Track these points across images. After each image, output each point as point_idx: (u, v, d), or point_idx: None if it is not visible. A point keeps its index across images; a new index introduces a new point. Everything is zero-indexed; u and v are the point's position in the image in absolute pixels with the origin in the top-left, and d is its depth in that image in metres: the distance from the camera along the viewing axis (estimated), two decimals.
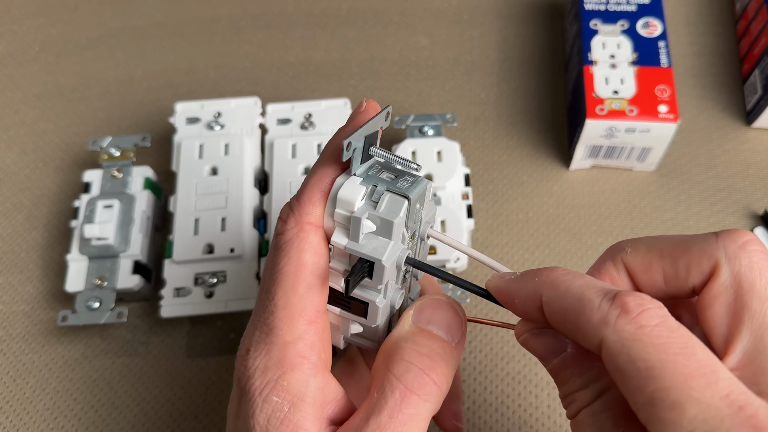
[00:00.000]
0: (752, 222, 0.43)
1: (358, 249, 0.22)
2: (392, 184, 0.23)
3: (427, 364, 0.22)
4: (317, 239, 0.23)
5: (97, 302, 0.38)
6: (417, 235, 0.25)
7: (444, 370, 0.22)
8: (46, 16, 0.55)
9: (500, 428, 0.37)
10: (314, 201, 0.23)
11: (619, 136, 0.41)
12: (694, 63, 0.50)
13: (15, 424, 0.38)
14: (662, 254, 0.22)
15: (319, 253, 0.23)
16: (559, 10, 0.53)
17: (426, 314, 0.24)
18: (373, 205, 0.22)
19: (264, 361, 0.23)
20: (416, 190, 0.23)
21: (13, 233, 0.45)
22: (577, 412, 0.21)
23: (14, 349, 0.41)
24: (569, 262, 0.42)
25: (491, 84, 0.50)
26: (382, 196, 0.22)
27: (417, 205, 0.23)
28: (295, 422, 0.22)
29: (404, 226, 0.23)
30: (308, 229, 0.23)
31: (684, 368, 0.17)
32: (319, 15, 0.54)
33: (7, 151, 0.48)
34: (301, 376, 0.22)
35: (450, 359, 0.23)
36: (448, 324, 0.24)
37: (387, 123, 0.24)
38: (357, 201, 0.22)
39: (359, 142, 0.22)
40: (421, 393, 0.22)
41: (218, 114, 0.44)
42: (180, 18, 0.54)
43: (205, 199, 0.40)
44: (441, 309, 0.24)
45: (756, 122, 0.46)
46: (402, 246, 0.23)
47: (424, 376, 0.22)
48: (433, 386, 0.22)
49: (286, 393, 0.22)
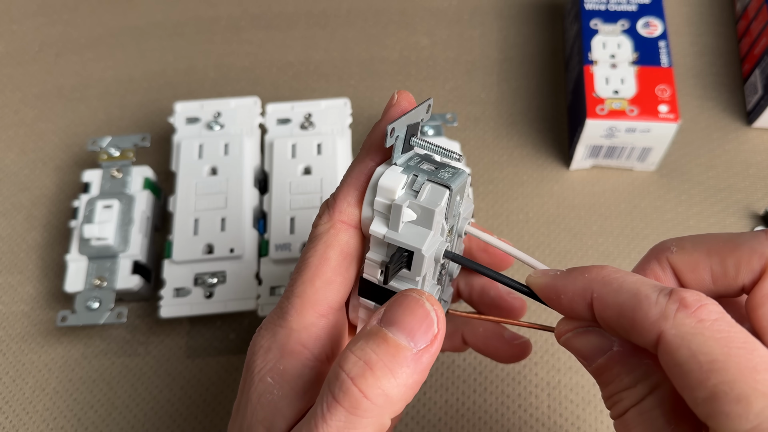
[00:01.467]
0: (752, 222, 0.43)
1: (397, 238, 0.22)
2: (433, 175, 0.23)
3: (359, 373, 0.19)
4: (346, 237, 0.23)
5: (97, 302, 0.38)
6: (455, 230, 0.25)
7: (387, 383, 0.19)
8: (45, 16, 0.55)
9: (500, 428, 0.37)
10: (349, 200, 0.23)
11: (620, 136, 0.41)
12: (694, 63, 0.50)
13: (15, 424, 0.38)
14: (709, 252, 0.21)
15: (344, 252, 0.23)
16: (559, 10, 0.53)
17: (389, 311, 0.21)
18: (413, 195, 0.22)
19: (269, 342, 0.23)
20: (457, 181, 0.23)
21: (13, 233, 0.45)
22: (624, 411, 0.20)
23: (14, 349, 0.40)
24: (570, 262, 0.42)
25: (491, 84, 0.50)
26: (423, 186, 0.22)
27: (457, 197, 0.23)
28: (280, 408, 0.22)
29: (444, 217, 0.23)
30: (339, 227, 0.23)
31: (748, 362, 0.17)
32: (319, 15, 0.54)
33: (6, 151, 0.48)
34: (298, 364, 0.22)
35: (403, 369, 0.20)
36: (411, 326, 0.20)
37: (428, 116, 0.24)
38: (398, 189, 0.22)
39: (402, 131, 0.22)
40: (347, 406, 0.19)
41: (218, 114, 0.44)
42: (180, 18, 0.54)
43: (205, 199, 0.40)
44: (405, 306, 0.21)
45: (756, 122, 0.46)
46: (441, 238, 0.23)
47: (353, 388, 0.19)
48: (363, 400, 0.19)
49: (280, 377, 0.22)
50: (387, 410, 0.20)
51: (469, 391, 0.38)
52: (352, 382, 0.19)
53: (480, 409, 0.37)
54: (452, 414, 0.37)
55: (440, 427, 0.37)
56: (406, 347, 0.20)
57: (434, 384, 0.38)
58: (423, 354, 0.20)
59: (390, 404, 0.20)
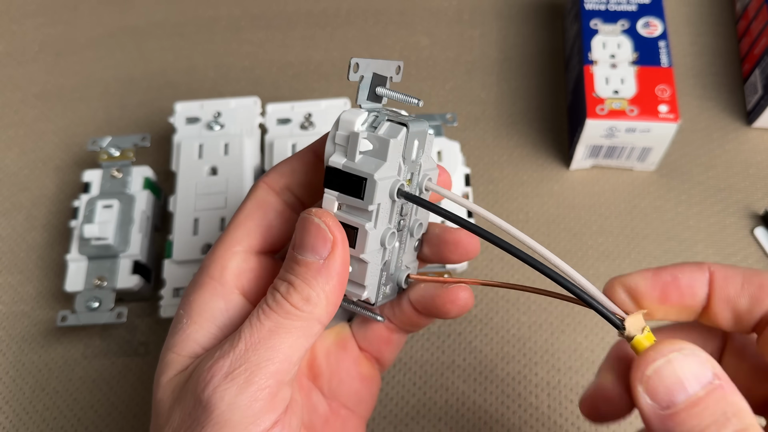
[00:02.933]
0: (752, 222, 0.43)
1: (353, 166, 0.23)
2: (395, 116, 0.24)
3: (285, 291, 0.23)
4: (264, 194, 0.26)
5: (97, 302, 0.38)
6: (416, 182, 0.25)
7: (305, 293, 0.23)
8: (45, 16, 0.55)
9: (500, 428, 0.37)
10: (277, 168, 0.26)
11: (620, 136, 0.41)
12: (694, 63, 0.50)
13: (15, 423, 0.38)
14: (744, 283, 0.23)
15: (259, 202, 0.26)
16: (559, 10, 0.53)
17: (296, 237, 0.24)
18: (372, 130, 0.24)
19: (190, 284, 0.26)
20: (416, 124, 0.24)
21: (13, 233, 0.45)
22: None
23: (14, 349, 0.40)
24: (569, 262, 0.42)
25: (491, 84, 0.50)
26: (381, 123, 0.24)
27: (415, 141, 0.24)
28: (187, 333, 0.24)
29: (402, 156, 0.24)
30: (261, 185, 0.26)
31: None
32: (319, 15, 0.54)
33: (6, 151, 0.48)
34: (206, 294, 0.25)
35: (315, 279, 0.23)
36: (310, 243, 0.23)
37: (398, 77, 0.26)
38: (357, 123, 0.24)
39: (367, 73, 0.24)
40: (280, 312, 0.23)
41: (218, 114, 0.44)
42: (180, 18, 0.54)
43: (205, 199, 0.40)
44: (301, 228, 0.24)
45: (756, 122, 0.46)
46: (397, 177, 0.24)
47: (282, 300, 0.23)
48: (290, 308, 0.23)
49: (188, 308, 0.25)
50: (315, 313, 0.23)
51: (469, 391, 0.38)
52: (282, 296, 0.23)
53: (480, 409, 0.37)
54: (452, 414, 0.37)
55: (440, 427, 0.37)
56: (312, 262, 0.23)
57: (434, 384, 0.38)
58: (329, 261, 0.23)
59: (312, 307, 0.23)
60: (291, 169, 0.26)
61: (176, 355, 0.24)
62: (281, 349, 0.22)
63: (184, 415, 0.22)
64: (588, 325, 0.40)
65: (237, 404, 0.21)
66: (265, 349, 0.22)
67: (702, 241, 0.42)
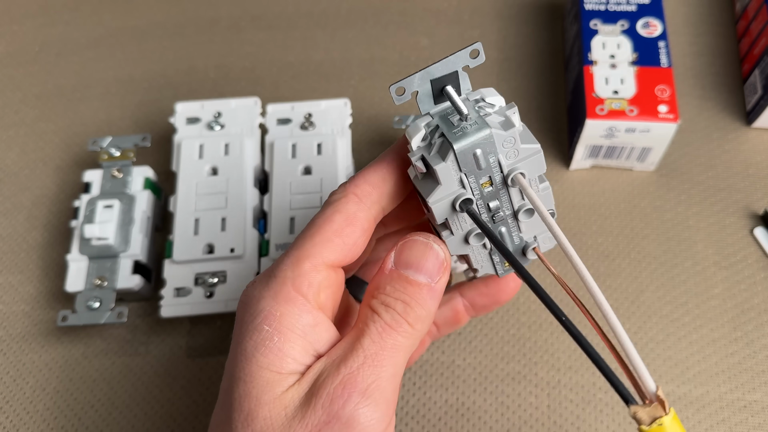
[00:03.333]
0: (752, 222, 0.43)
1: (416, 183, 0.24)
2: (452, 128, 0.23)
3: (401, 308, 0.24)
4: (354, 208, 0.25)
5: (97, 302, 0.38)
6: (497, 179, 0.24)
7: (419, 313, 0.24)
8: (46, 16, 0.55)
9: (500, 428, 0.37)
10: (366, 177, 0.25)
11: (619, 136, 0.41)
12: (694, 63, 0.50)
13: (15, 424, 0.38)
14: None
15: (350, 219, 0.25)
16: (559, 10, 0.53)
17: (403, 257, 0.25)
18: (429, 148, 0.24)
19: (260, 292, 0.24)
20: (469, 138, 0.23)
21: (13, 233, 0.45)
22: None
23: (14, 349, 0.41)
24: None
25: (491, 84, 0.50)
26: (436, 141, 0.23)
27: (476, 151, 0.23)
28: (284, 351, 0.23)
29: (458, 172, 0.23)
30: (351, 197, 0.25)
31: None
32: (319, 15, 0.54)
33: (7, 151, 0.48)
34: (295, 309, 0.23)
35: (427, 300, 0.24)
36: (425, 266, 0.24)
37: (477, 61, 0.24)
38: (415, 140, 0.23)
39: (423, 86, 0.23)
40: (399, 330, 0.23)
41: (218, 114, 0.44)
42: (180, 18, 0.54)
43: (205, 199, 0.40)
44: (416, 250, 0.24)
45: (756, 122, 0.46)
46: (458, 189, 0.24)
47: (400, 318, 0.24)
48: (407, 327, 0.24)
49: (278, 324, 0.23)
50: (422, 331, 0.24)
51: (469, 391, 0.38)
52: (399, 315, 0.24)
53: (480, 409, 0.37)
54: (452, 414, 0.37)
55: (440, 427, 0.37)
56: (425, 283, 0.24)
57: (434, 384, 0.38)
58: (439, 285, 0.25)
59: (423, 326, 0.24)
60: (381, 179, 0.25)
61: (275, 373, 0.23)
62: (401, 364, 0.24)
63: (313, 430, 0.22)
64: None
65: (374, 419, 0.22)
66: (389, 366, 0.23)
67: (701, 241, 0.42)
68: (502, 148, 0.23)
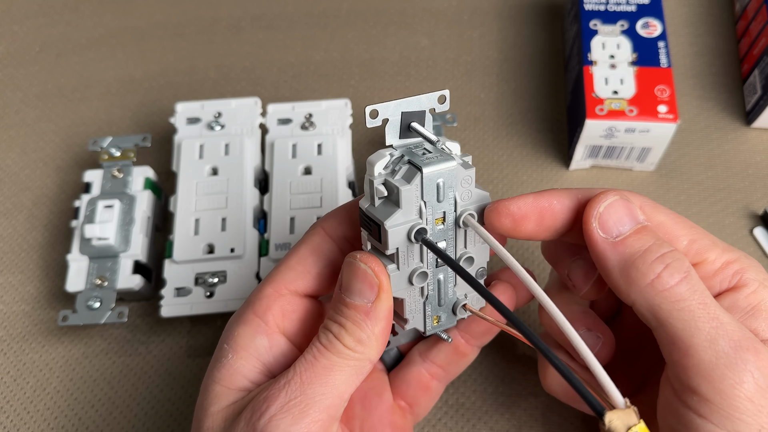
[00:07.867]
0: (751, 222, 0.43)
1: (371, 211, 0.24)
2: (418, 157, 0.24)
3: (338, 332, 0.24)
4: (319, 240, 0.27)
5: (98, 302, 0.38)
6: (451, 219, 0.25)
7: (358, 335, 0.24)
8: (46, 17, 0.55)
9: (500, 428, 0.37)
10: (335, 214, 0.27)
11: (619, 136, 0.42)
12: (693, 63, 0.50)
13: (15, 423, 0.38)
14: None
15: (313, 248, 0.27)
16: (559, 10, 0.53)
17: (342, 279, 0.25)
18: (392, 175, 0.24)
19: (233, 318, 0.27)
20: (436, 166, 0.23)
21: (14, 233, 0.45)
22: None
23: (15, 349, 0.41)
24: None
25: (491, 84, 0.50)
26: (401, 167, 0.24)
27: (439, 181, 0.24)
28: (235, 368, 0.26)
29: (420, 199, 0.24)
30: (318, 231, 0.27)
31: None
32: (319, 15, 0.54)
33: (7, 151, 0.48)
34: (249, 330, 0.26)
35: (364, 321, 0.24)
36: (356, 287, 0.24)
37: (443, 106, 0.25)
38: (377, 167, 0.24)
39: (394, 115, 0.24)
40: (333, 351, 0.24)
41: (219, 114, 0.44)
42: (180, 18, 0.55)
43: (206, 199, 0.41)
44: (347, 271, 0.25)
45: (755, 122, 0.46)
46: (416, 219, 0.24)
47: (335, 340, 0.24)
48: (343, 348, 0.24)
49: (233, 342, 0.26)
50: (368, 353, 0.24)
51: (468, 391, 0.38)
52: (334, 337, 0.24)
53: (480, 409, 0.37)
54: (452, 414, 0.37)
55: (440, 427, 0.37)
56: (360, 305, 0.24)
57: None
58: (377, 305, 0.24)
59: (367, 348, 0.24)
60: (348, 216, 0.27)
61: (224, 387, 0.25)
62: (335, 385, 0.24)
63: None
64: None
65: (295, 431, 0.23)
66: (319, 385, 0.24)
67: None
68: (460, 186, 0.25)
